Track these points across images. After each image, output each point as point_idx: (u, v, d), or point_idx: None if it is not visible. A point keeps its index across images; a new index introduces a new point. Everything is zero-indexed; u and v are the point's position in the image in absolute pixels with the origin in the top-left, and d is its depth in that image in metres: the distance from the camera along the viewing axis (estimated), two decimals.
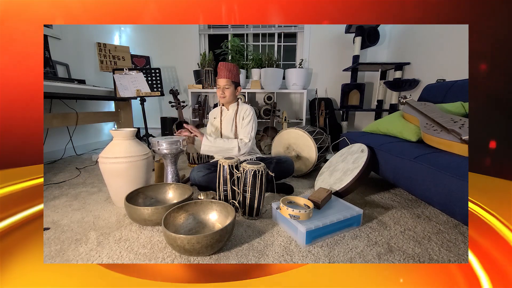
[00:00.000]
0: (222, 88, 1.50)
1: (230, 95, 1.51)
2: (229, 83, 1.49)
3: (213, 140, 1.45)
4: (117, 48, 2.78)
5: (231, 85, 1.50)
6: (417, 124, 1.36)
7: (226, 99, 1.53)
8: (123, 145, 1.26)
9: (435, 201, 0.98)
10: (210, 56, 2.88)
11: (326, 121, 2.82)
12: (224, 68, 1.48)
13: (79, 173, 1.91)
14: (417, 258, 0.89)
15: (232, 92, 1.52)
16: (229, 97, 1.52)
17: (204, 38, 3.22)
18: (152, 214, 1.04)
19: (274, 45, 3.17)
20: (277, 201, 1.13)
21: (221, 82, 1.49)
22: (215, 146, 1.45)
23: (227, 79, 1.47)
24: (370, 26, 2.57)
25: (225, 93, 1.50)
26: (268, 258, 0.89)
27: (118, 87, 2.27)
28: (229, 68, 1.49)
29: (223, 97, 1.52)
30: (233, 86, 1.51)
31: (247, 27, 3.14)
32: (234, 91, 1.54)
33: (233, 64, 1.50)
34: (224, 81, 1.48)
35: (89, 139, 2.84)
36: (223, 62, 1.50)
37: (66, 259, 0.88)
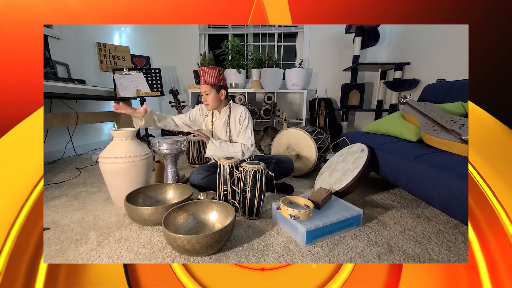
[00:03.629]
0: (203, 95, 1.43)
1: (212, 100, 1.43)
2: (209, 89, 1.41)
3: (218, 144, 1.43)
4: (117, 48, 2.78)
5: (212, 89, 1.41)
6: (417, 124, 1.36)
7: (209, 106, 1.46)
8: (123, 145, 1.26)
9: (435, 201, 0.98)
10: (210, 56, 2.88)
11: (326, 121, 2.82)
12: (203, 73, 1.40)
13: (79, 173, 1.91)
14: (417, 258, 0.89)
15: (214, 97, 1.43)
16: (212, 103, 1.44)
17: (204, 38, 3.22)
18: (152, 214, 1.04)
19: (274, 45, 3.17)
20: (277, 201, 1.13)
21: (201, 89, 1.42)
22: (220, 149, 1.43)
23: (206, 84, 1.40)
24: (370, 26, 2.57)
25: (207, 100, 1.43)
26: (268, 258, 0.89)
27: (118, 87, 2.27)
28: (208, 73, 1.40)
29: (207, 104, 1.46)
30: (214, 91, 1.42)
31: (247, 27, 3.14)
32: (217, 96, 1.44)
33: (212, 67, 1.41)
34: (204, 87, 1.41)
35: (89, 139, 2.84)
36: (201, 67, 1.42)
37: (66, 259, 0.88)
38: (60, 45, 2.38)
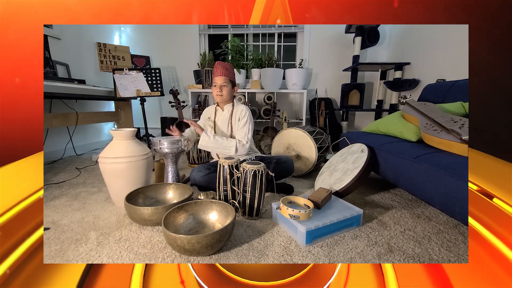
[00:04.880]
0: (219, 86, 1.47)
1: (227, 93, 1.49)
2: (227, 81, 1.47)
3: (212, 137, 1.44)
4: (117, 48, 2.78)
5: (229, 83, 1.48)
6: (417, 124, 1.36)
7: (223, 98, 1.50)
8: (123, 145, 1.26)
9: (435, 201, 0.98)
10: (210, 56, 2.88)
11: (326, 121, 2.82)
12: (221, 66, 1.47)
13: (79, 173, 1.91)
14: (417, 258, 0.89)
15: (230, 91, 1.50)
16: (226, 96, 1.49)
17: (204, 38, 3.22)
18: (152, 214, 1.04)
19: (274, 45, 3.17)
20: (277, 201, 1.13)
21: (219, 80, 1.46)
22: (213, 142, 1.43)
23: (225, 77, 1.46)
24: (370, 26, 2.57)
25: (222, 91, 1.48)
26: (268, 258, 0.89)
27: (118, 87, 2.27)
28: (226, 67, 1.47)
29: (220, 95, 1.49)
30: (231, 85, 1.50)
31: (247, 27, 3.14)
32: (231, 90, 1.52)
33: (229, 64, 1.49)
34: (222, 79, 1.46)
35: (89, 139, 2.84)
36: (219, 61, 1.49)
37: (66, 259, 0.88)
38: (60, 45, 2.38)
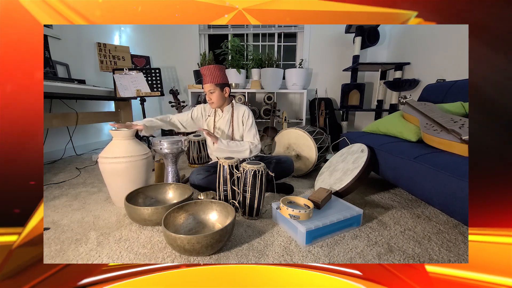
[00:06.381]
0: (207, 93, 1.45)
1: (217, 99, 1.45)
2: (213, 87, 1.42)
3: (227, 144, 1.42)
4: (117, 48, 2.78)
5: (216, 88, 1.42)
6: (417, 124, 1.36)
7: (214, 105, 1.47)
8: (123, 145, 1.26)
9: (435, 201, 0.98)
10: (210, 56, 2.88)
11: (326, 121, 2.82)
12: (206, 72, 1.42)
13: (79, 173, 1.91)
14: (417, 258, 0.89)
15: (219, 95, 1.45)
16: (216, 102, 1.46)
17: (204, 38, 3.22)
18: (152, 214, 1.04)
19: (274, 45, 3.17)
20: (277, 201, 1.13)
21: (205, 88, 1.44)
22: (229, 149, 1.42)
23: (210, 83, 1.41)
24: (370, 26, 2.57)
25: (211, 98, 1.44)
26: (268, 258, 0.89)
27: (118, 87, 2.27)
28: (210, 71, 1.41)
29: (211, 103, 1.47)
30: (219, 89, 1.44)
31: (247, 27, 3.14)
32: (221, 94, 1.45)
33: (214, 66, 1.42)
34: (208, 86, 1.42)
35: (89, 139, 2.84)
36: (204, 66, 1.43)
37: (66, 259, 0.88)
38: (60, 45, 2.38)
